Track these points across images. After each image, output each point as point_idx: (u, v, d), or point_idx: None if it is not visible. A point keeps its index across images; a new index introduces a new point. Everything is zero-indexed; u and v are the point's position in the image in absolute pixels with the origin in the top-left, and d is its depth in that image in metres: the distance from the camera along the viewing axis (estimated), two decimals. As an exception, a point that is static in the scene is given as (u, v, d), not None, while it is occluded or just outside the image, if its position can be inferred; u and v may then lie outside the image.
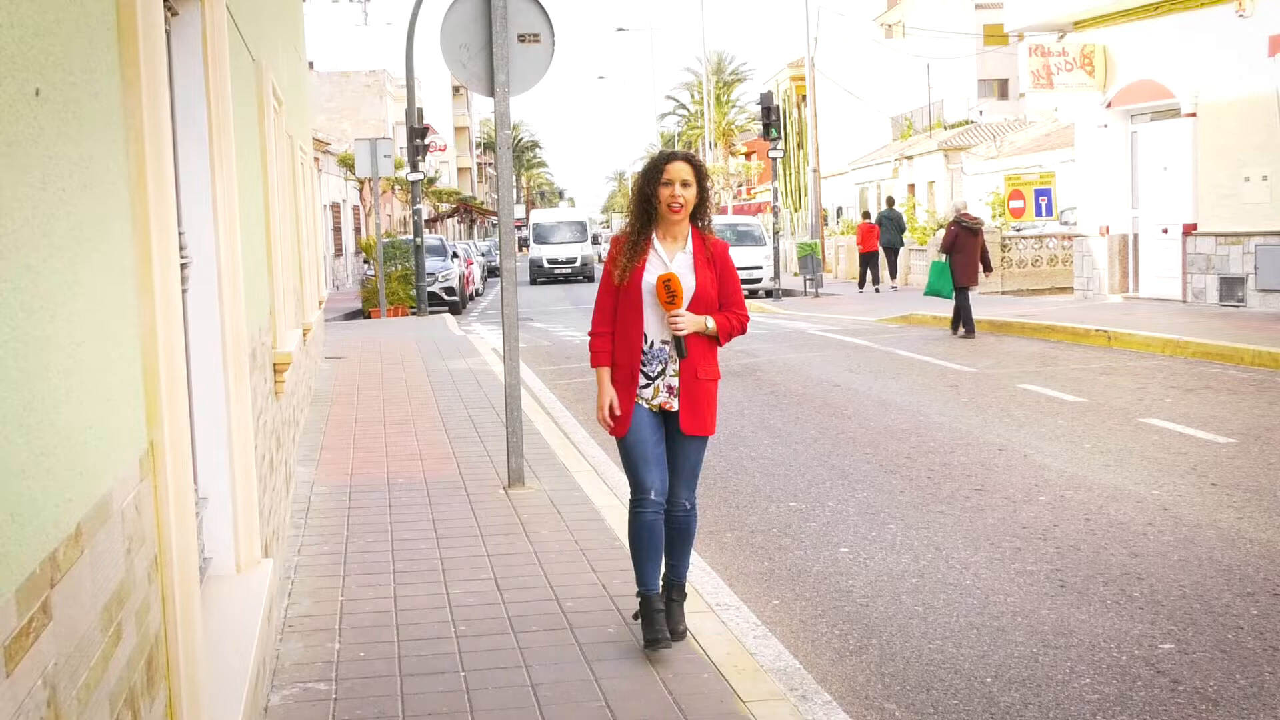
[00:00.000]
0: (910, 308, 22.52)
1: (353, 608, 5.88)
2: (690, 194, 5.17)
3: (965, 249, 17.97)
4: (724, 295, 5.29)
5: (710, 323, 5.17)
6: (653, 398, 5.22)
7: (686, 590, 5.44)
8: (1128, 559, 6.55)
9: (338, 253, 41.16)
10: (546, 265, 46.62)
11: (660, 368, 5.20)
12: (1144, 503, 7.69)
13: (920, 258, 32.15)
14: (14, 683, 1.81)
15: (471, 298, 36.48)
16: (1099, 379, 13.06)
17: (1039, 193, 28.05)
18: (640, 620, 5.16)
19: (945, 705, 4.80)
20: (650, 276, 5.15)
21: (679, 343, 5.10)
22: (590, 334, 5.42)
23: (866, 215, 35.36)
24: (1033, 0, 22.29)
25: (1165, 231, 20.24)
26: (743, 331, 5.36)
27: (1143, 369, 13.69)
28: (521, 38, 8.42)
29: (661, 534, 5.22)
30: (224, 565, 4.77)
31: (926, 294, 18.91)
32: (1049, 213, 28.00)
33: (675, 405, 5.19)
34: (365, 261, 33.59)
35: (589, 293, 35.08)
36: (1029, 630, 5.55)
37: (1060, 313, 19.54)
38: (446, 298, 30.29)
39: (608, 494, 8.03)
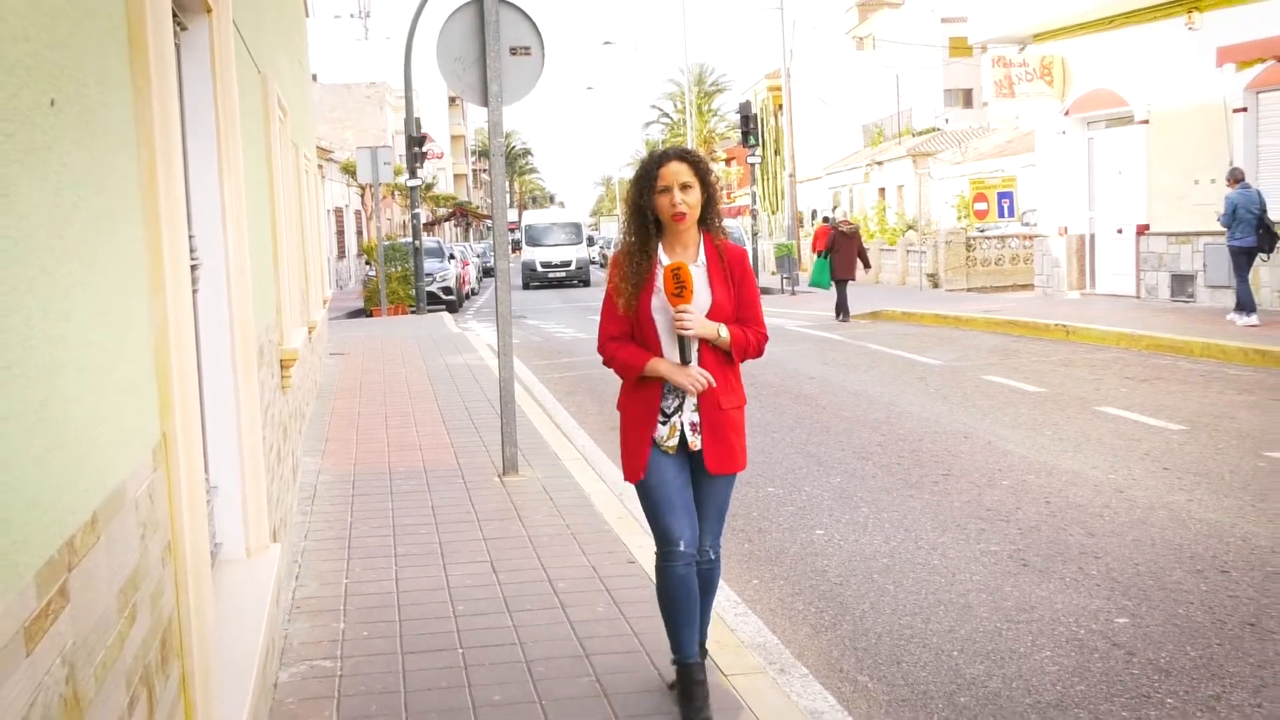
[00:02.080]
0: (880, 305, 22.56)
1: (357, 589, 5.87)
2: (694, 197, 4.19)
3: (842, 249, 21.15)
4: (741, 310, 4.29)
5: (724, 331, 4.16)
6: (669, 437, 4.21)
7: (709, 651, 4.56)
8: (1085, 539, 6.57)
9: (340, 255, 41.08)
10: (540, 269, 42.03)
11: (677, 402, 4.21)
12: (1100, 486, 7.71)
13: (890, 257, 32.21)
14: (33, 661, 1.80)
15: (467, 297, 36.44)
16: (1058, 370, 13.10)
17: (1001, 195, 28.08)
18: (678, 693, 4.26)
19: (915, 677, 4.81)
20: (659, 298, 4.18)
21: (683, 346, 4.12)
22: (601, 349, 4.38)
23: (827, 220, 35.51)
24: (995, 14, 22.32)
25: (1120, 232, 20.30)
26: (759, 353, 4.32)
27: (1099, 361, 13.74)
28: (513, 51, 8.41)
29: (696, 589, 4.25)
30: (234, 550, 4.75)
31: (810, 285, 22.81)
32: (1011, 214, 28.05)
33: (698, 444, 4.20)
34: (367, 263, 33.53)
35: (582, 294, 35.00)
36: (993, 606, 5.57)
37: (1022, 308, 19.59)
38: (444, 297, 30.28)
39: (596, 481, 8.03)
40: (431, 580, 5.96)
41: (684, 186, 4.17)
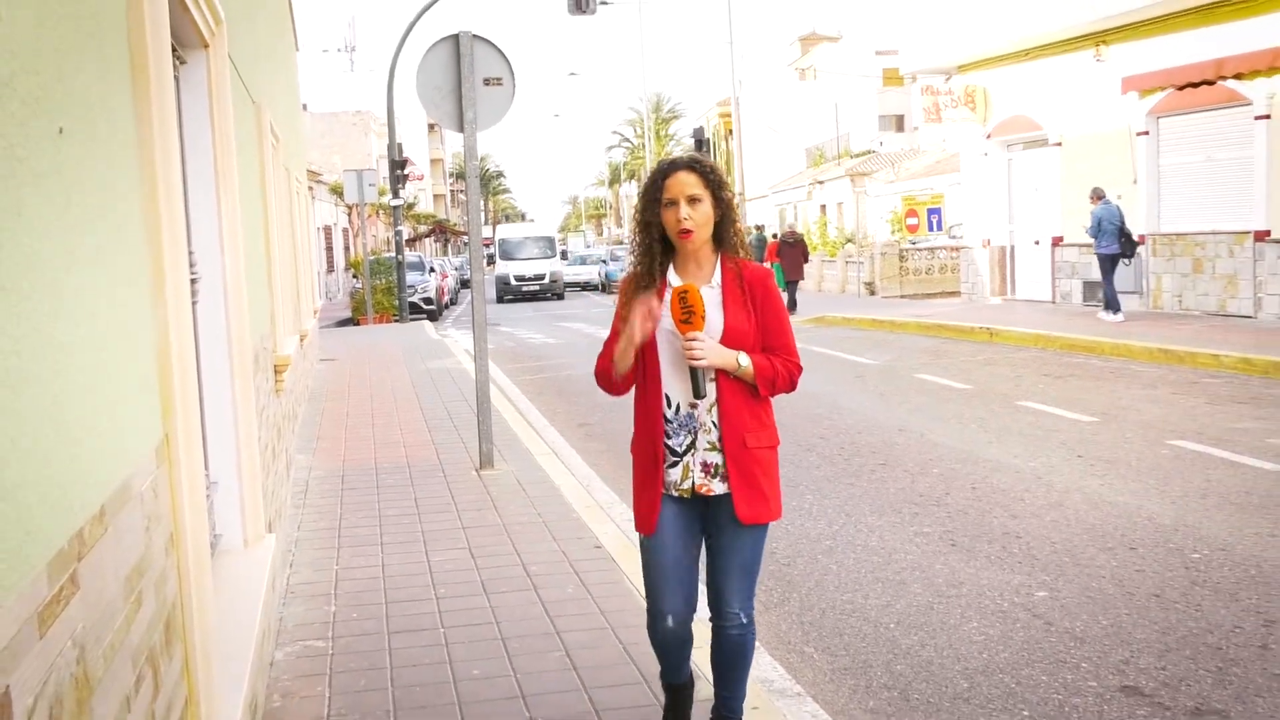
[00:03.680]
0: (822, 311, 22.66)
1: (346, 575, 5.84)
2: (702, 212, 3.36)
3: (788, 255, 23.94)
4: (767, 337, 3.42)
5: (744, 359, 3.31)
6: (681, 480, 3.39)
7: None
8: (1008, 521, 6.62)
9: (329, 269, 40.78)
10: (514, 283, 39.20)
11: (689, 439, 3.38)
12: (1021, 473, 7.78)
13: (831, 267, 32.36)
14: (46, 644, 1.79)
15: (446, 306, 36.25)
16: (983, 369, 13.20)
17: (931, 211, 28.32)
18: (666, 710, 3.73)
19: (855, 648, 4.83)
20: (667, 321, 3.36)
21: (695, 378, 3.30)
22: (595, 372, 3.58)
23: (775, 235, 35.73)
24: (923, 47, 22.50)
25: (1037, 243, 20.50)
26: (790, 386, 3.42)
27: (1019, 360, 13.86)
28: (486, 81, 8.39)
29: (690, 639, 3.59)
30: (233, 540, 4.72)
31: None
32: (939, 228, 28.28)
33: (715, 488, 3.37)
34: (354, 276, 33.33)
35: (555, 306, 34.77)
36: (925, 583, 5.61)
37: (950, 313, 19.73)
38: (425, 307, 30.18)
39: (566, 474, 8.02)
40: (415, 566, 5.94)
41: (691, 200, 3.36)
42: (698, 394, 3.31)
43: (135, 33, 2.81)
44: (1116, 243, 16.18)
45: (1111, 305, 16.37)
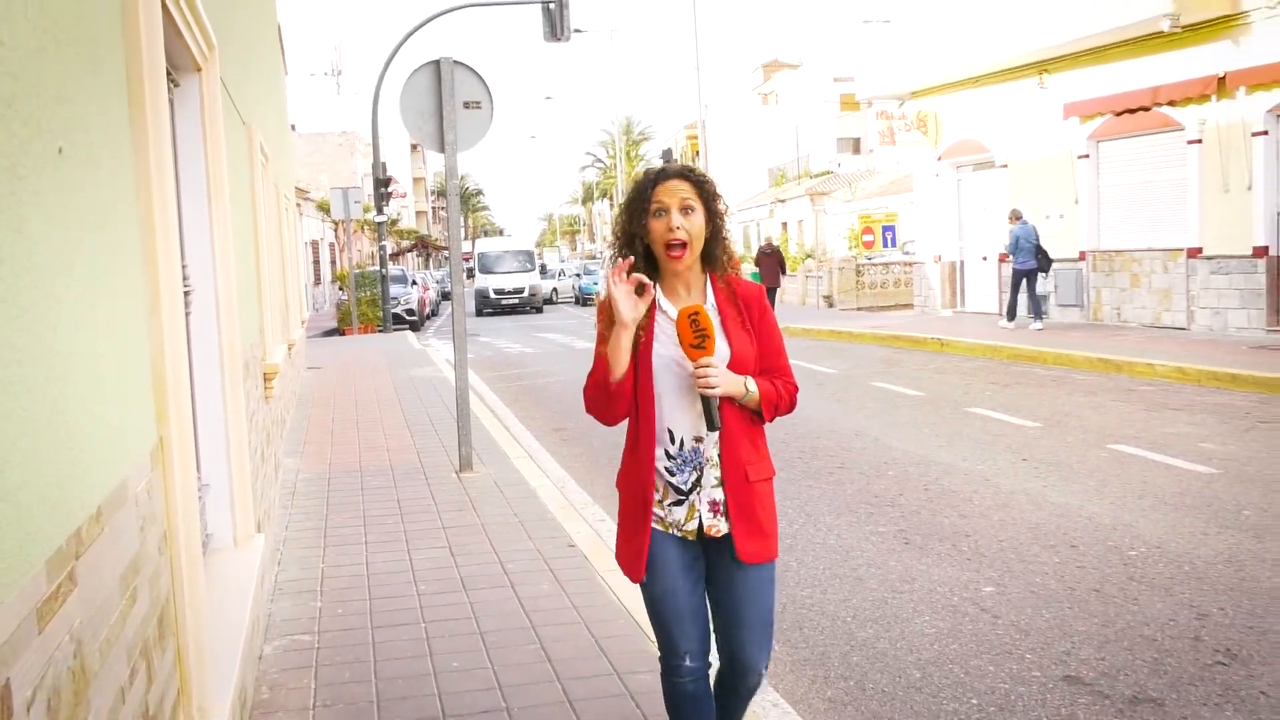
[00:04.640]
0: (783, 322, 22.72)
1: (332, 573, 5.81)
2: (695, 223, 2.88)
3: (764, 265, 24.45)
4: (764, 359, 3.00)
5: (751, 385, 2.88)
6: (686, 520, 2.91)
7: None
8: (958, 520, 6.67)
9: (316, 281, 40.56)
10: (493, 296, 37.47)
11: (695, 475, 2.90)
12: (970, 475, 7.83)
13: (792, 281, 32.48)
14: (45, 639, 1.77)
15: (428, 318, 36.11)
16: (935, 377, 13.28)
17: (886, 228, 28.52)
18: None
19: (814, 640, 4.85)
20: (662, 347, 2.90)
21: (709, 408, 2.82)
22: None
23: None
24: (879, 75, 22.64)
25: (985, 259, 20.66)
26: (790, 408, 3.00)
27: (968, 369, 13.95)
28: (466, 104, 8.39)
29: (710, 702, 3.07)
30: (223, 540, 4.68)
31: None
32: (893, 244, 28.48)
33: (722, 528, 2.90)
34: (340, 288, 33.17)
35: (533, 319, 34.59)
36: (880, 579, 5.63)
37: (903, 325, 19.84)
38: (407, 317, 30.08)
39: (541, 476, 8.01)
40: (397, 564, 5.91)
41: (685, 209, 2.88)
42: (713, 425, 2.83)
43: (132, 57, 2.80)
44: (1033, 259, 17.07)
45: (1012, 313, 17.49)
